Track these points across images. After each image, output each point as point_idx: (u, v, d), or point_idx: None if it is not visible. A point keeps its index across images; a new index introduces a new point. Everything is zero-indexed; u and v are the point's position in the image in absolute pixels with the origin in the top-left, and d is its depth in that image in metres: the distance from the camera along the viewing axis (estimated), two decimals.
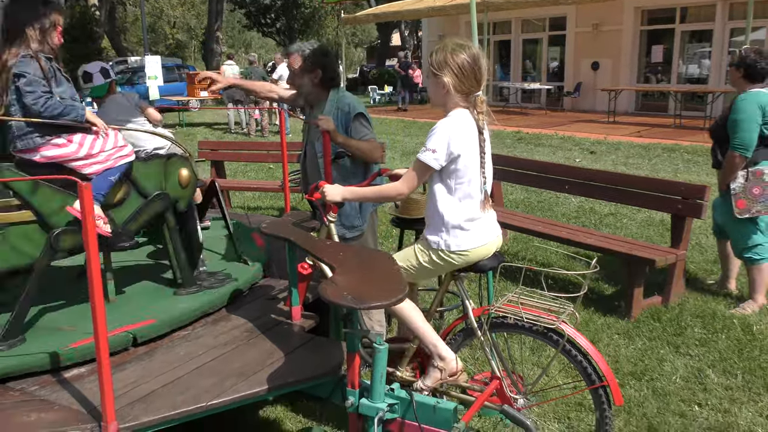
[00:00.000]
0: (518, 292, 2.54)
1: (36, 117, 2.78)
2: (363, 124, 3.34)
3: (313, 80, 3.39)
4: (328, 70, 3.39)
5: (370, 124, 3.41)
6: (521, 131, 13.49)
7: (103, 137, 3.02)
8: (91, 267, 1.95)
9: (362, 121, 3.34)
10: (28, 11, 2.85)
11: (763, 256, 4.23)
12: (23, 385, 2.38)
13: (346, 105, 3.35)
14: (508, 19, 19.90)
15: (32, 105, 2.75)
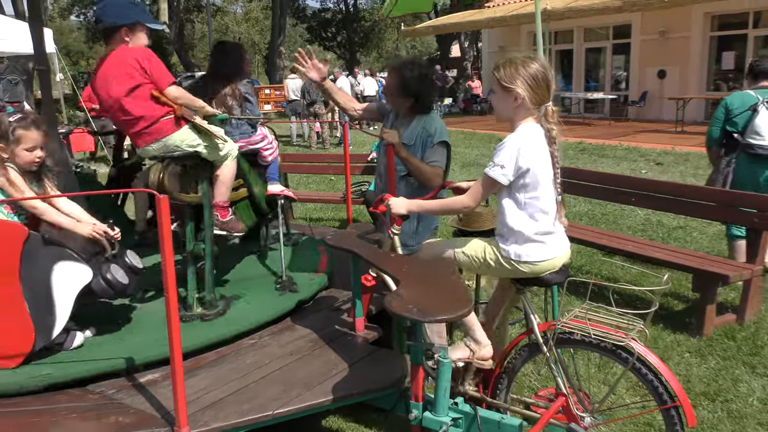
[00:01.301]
0: (585, 307, 2.49)
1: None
2: (440, 152, 3.29)
3: (405, 104, 3.37)
4: (422, 99, 3.34)
5: (448, 155, 3.35)
6: (584, 142, 13.23)
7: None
8: (168, 276, 2.02)
9: (441, 149, 3.30)
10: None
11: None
12: (102, 388, 2.49)
13: (434, 128, 3.31)
14: (570, 28, 19.59)
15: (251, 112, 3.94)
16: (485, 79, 23.66)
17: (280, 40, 30.29)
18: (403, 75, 3.30)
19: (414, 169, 3.26)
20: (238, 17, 48.73)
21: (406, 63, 3.37)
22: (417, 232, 3.43)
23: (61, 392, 2.45)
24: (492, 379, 2.74)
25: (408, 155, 3.24)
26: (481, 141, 14.62)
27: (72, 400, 2.40)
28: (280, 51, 30.30)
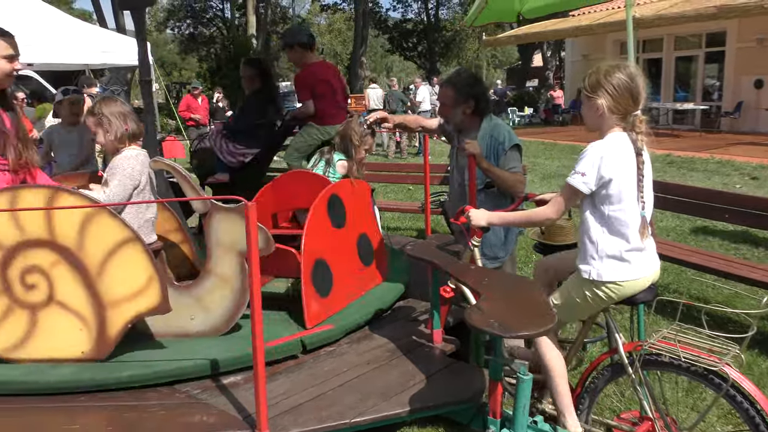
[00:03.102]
0: (675, 328, 2.38)
1: None
2: (515, 157, 3.31)
3: (466, 111, 3.40)
4: (481, 101, 3.39)
5: (521, 158, 3.36)
6: (672, 154, 12.70)
7: None
8: (253, 281, 2.08)
9: (515, 154, 3.31)
10: None
11: None
12: (187, 388, 2.59)
13: (502, 135, 3.33)
14: (660, 36, 18.89)
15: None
16: (568, 89, 23.16)
17: (361, 50, 30.78)
18: (455, 83, 3.39)
19: (496, 178, 3.25)
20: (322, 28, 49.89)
21: (452, 74, 3.52)
22: (505, 243, 3.41)
23: (151, 389, 2.56)
24: (573, 398, 2.66)
25: (489, 165, 3.24)
26: (562, 152, 14.30)
27: (161, 398, 2.51)
28: (362, 61, 30.78)
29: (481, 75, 4.69)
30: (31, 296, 2.73)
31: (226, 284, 2.94)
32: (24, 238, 2.68)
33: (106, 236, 2.69)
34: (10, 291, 2.71)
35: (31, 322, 2.74)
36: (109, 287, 2.72)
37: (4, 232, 2.66)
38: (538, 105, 25.86)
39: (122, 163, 3.01)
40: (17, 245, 2.68)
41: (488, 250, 3.36)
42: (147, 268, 2.71)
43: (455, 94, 3.39)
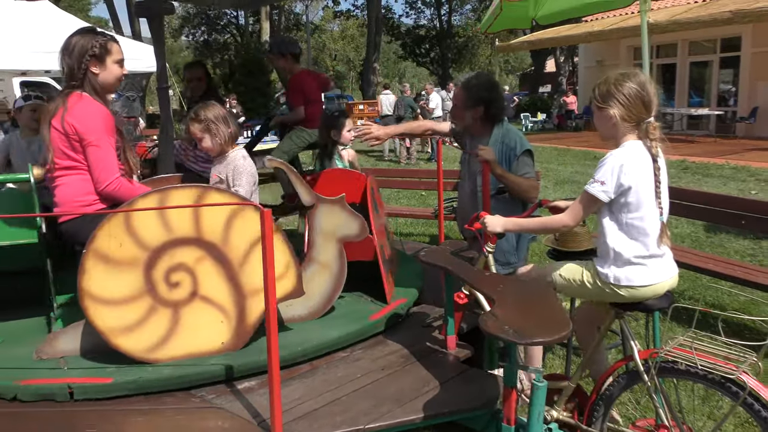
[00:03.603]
0: (691, 335, 2.36)
1: None
2: (527, 162, 3.30)
3: (474, 116, 3.39)
4: (491, 107, 3.36)
5: (533, 163, 3.36)
6: (686, 160, 12.62)
7: None
8: (268, 285, 2.09)
9: (527, 159, 3.30)
10: None
11: None
12: (202, 392, 2.60)
13: (513, 141, 3.32)
14: (674, 41, 18.79)
15: None
16: (581, 95, 23.09)
17: (374, 56, 30.86)
18: (467, 87, 3.37)
19: (511, 184, 3.25)
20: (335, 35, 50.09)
21: (467, 77, 3.47)
22: (518, 249, 3.40)
23: (167, 394, 2.58)
24: (588, 405, 2.65)
25: (504, 171, 3.23)
26: (575, 158, 14.24)
27: (176, 402, 2.52)
28: (374, 67, 30.85)
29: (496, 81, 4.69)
30: (174, 294, 2.76)
31: (326, 270, 3.30)
32: (171, 238, 2.72)
33: (250, 229, 2.79)
34: (154, 291, 2.73)
35: (173, 320, 2.77)
36: (250, 277, 2.83)
37: (152, 234, 2.70)
38: (551, 111, 25.79)
39: (242, 164, 3.25)
40: (164, 245, 2.71)
41: (500, 255, 3.36)
42: (285, 255, 2.90)
43: (466, 98, 3.39)
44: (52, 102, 2.87)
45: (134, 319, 2.69)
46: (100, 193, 2.84)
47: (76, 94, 2.83)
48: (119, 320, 2.67)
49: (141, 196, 2.71)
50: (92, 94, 2.86)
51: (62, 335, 2.84)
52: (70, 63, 2.82)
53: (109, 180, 2.81)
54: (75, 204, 2.83)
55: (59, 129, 2.77)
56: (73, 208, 2.83)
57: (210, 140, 3.24)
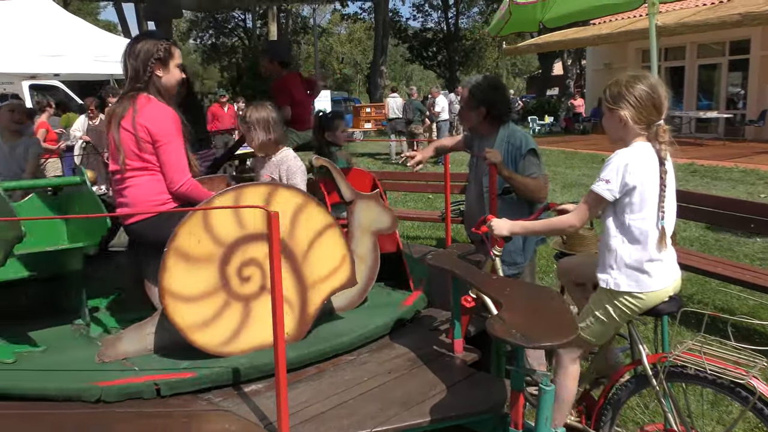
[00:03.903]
0: (700, 339, 2.35)
1: None
2: (533, 161, 3.30)
3: (478, 117, 3.41)
4: (494, 108, 3.37)
5: (540, 161, 3.36)
6: (695, 163, 12.56)
7: None
8: (275, 289, 2.10)
9: (533, 158, 3.30)
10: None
11: None
12: (209, 395, 2.60)
13: (518, 140, 3.33)
14: (682, 44, 18.74)
15: None
16: (588, 98, 23.04)
17: (381, 59, 30.90)
18: (471, 88, 3.40)
19: (519, 185, 3.25)
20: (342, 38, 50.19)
21: (472, 79, 3.51)
22: (524, 249, 3.40)
23: (174, 397, 2.58)
24: (595, 410, 2.64)
25: (511, 173, 3.23)
26: (583, 161, 14.21)
27: (183, 404, 2.52)
28: (382, 70, 30.89)
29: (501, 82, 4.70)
30: (245, 288, 2.85)
31: (362, 262, 3.46)
32: (244, 234, 2.81)
33: (313, 223, 2.99)
34: (228, 286, 2.81)
35: (244, 314, 2.86)
36: (312, 269, 3.00)
37: (227, 230, 2.78)
38: (558, 113, 25.75)
39: (294, 163, 3.46)
40: (237, 241, 2.80)
41: (506, 256, 3.35)
42: (342, 248, 3.11)
43: (470, 99, 3.41)
44: (119, 103, 2.91)
45: (210, 314, 2.78)
46: (173, 193, 2.91)
47: (143, 96, 2.89)
48: (196, 316, 2.75)
49: (218, 195, 2.79)
50: (157, 96, 2.92)
51: (123, 338, 2.87)
52: (135, 65, 2.89)
53: (182, 180, 2.89)
54: (149, 204, 2.88)
55: (130, 130, 2.82)
56: (149, 209, 2.88)
57: (256, 140, 3.44)
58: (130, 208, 2.89)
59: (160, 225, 2.80)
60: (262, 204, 2.82)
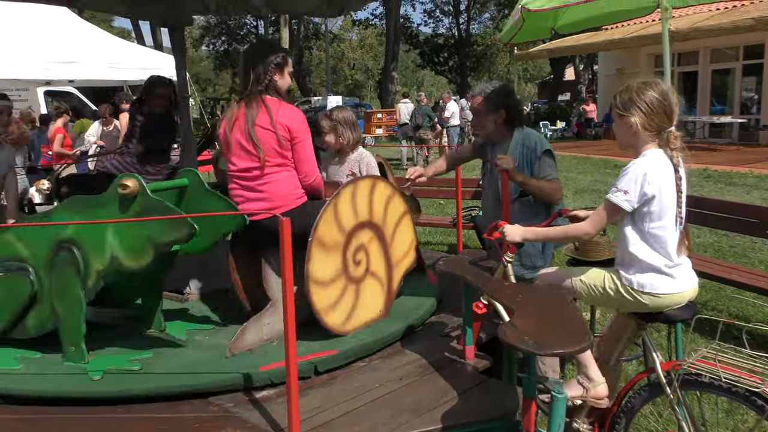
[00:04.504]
0: (715, 347, 2.33)
1: None
2: (548, 163, 3.31)
3: (497, 120, 3.43)
4: (511, 110, 3.41)
5: (555, 163, 3.36)
6: (708, 168, 12.47)
7: None
8: (287, 295, 2.10)
9: (548, 160, 3.31)
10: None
11: None
12: (221, 401, 2.60)
13: (533, 142, 3.35)
14: (695, 49, 18.64)
15: None
16: (600, 103, 22.95)
17: (392, 65, 30.95)
18: (485, 94, 3.44)
19: (533, 189, 3.26)
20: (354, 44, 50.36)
21: (484, 86, 3.56)
22: (543, 252, 3.40)
23: (186, 402, 2.59)
24: (608, 418, 2.62)
25: (525, 178, 3.24)
26: (595, 166, 14.14)
27: (195, 410, 2.52)
28: (393, 76, 30.95)
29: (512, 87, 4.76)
30: (357, 271, 3.16)
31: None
32: (357, 222, 3.14)
33: (396, 210, 3.37)
34: (347, 271, 3.11)
35: (356, 296, 3.16)
36: (396, 250, 3.38)
37: (347, 219, 3.08)
38: (570, 119, 25.66)
39: (372, 159, 3.84)
40: (353, 228, 3.11)
41: (527, 259, 3.36)
42: (412, 234, 3.50)
43: (487, 104, 3.43)
44: (246, 106, 3.04)
45: (335, 297, 3.07)
46: (306, 186, 3.15)
47: (272, 99, 3.07)
48: (327, 299, 3.03)
49: (343, 187, 3.07)
50: (277, 97, 3.12)
51: (246, 331, 2.99)
52: (258, 70, 3.06)
53: (315, 173, 3.18)
54: (289, 198, 3.09)
55: (269, 129, 2.99)
56: (289, 202, 3.07)
57: (334, 138, 3.76)
58: (270, 203, 3.04)
59: (297, 217, 2.89)
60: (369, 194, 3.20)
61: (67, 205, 2.94)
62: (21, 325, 2.94)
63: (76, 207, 2.87)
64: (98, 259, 2.77)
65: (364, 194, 3.16)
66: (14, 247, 2.90)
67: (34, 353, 2.96)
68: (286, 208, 3.03)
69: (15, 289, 2.87)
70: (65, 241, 2.79)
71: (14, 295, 2.87)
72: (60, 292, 2.83)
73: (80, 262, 2.77)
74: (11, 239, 2.89)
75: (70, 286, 2.80)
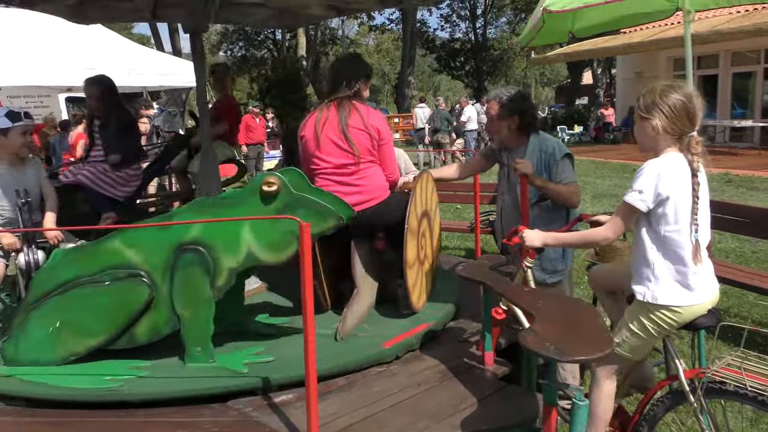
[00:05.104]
0: (740, 355, 2.29)
1: None
2: (567, 166, 3.30)
3: (510, 126, 3.41)
4: (526, 116, 3.39)
5: (573, 167, 3.34)
6: (729, 173, 12.31)
7: None
8: (306, 299, 2.10)
9: (567, 163, 3.30)
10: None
11: None
12: (240, 405, 2.61)
13: (551, 147, 3.33)
14: (716, 52, 18.41)
15: None
16: (618, 107, 22.77)
17: (409, 70, 30.96)
18: (500, 98, 3.44)
19: (552, 193, 3.25)
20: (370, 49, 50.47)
21: (500, 90, 3.55)
22: (564, 256, 3.38)
23: (204, 406, 2.60)
24: (630, 426, 2.58)
25: (544, 182, 3.22)
26: (613, 171, 14.02)
27: (214, 414, 2.53)
28: (409, 81, 30.95)
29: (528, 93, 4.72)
30: (421, 255, 3.50)
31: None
32: (423, 209, 3.51)
33: (435, 200, 3.76)
34: (419, 255, 3.44)
35: (422, 276, 3.52)
36: (435, 235, 3.76)
37: (421, 209, 3.45)
38: (587, 123, 25.47)
39: (405, 156, 4.11)
40: (421, 216, 3.47)
41: (548, 264, 3.34)
42: (439, 223, 3.88)
43: (501, 109, 3.43)
44: (342, 107, 3.35)
45: (416, 278, 3.39)
46: (391, 181, 3.53)
47: (361, 104, 3.41)
48: (412, 280, 3.32)
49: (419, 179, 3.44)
50: (362, 103, 3.46)
51: (347, 316, 3.24)
52: (350, 79, 3.40)
53: (397, 170, 3.59)
54: (381, 190, 3.44)
55: (363, 130, 3.32)
56: (381, 195, 3.43)
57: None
58: (365, 196, 3.36)
59: (389, 207, 3.41)
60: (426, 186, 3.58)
61: (192, 207, 2.97)
62: (128, 334, 2.86)
63: (201, 208, 2.91)
64: (231, 257, 2.81)
65: (427, 187, 3.56)
66: (123, 254, 2.84)
67: (143, 361, 2.91)
68: (378, 200, 3.38)
69: (129, 297, 2.81)
70: (189, 243, 2.79)
71: (127, 303, 2.81)
72: (185, 294, 2.81)
73: (210, 262, 2.79)
74: (120, 247, 2.84)
75: (198, 287, 2.80)
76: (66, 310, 2.82)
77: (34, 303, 2.87)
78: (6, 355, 2.88)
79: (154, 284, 2.83)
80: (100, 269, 2.84)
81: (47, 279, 2.88)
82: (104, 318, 2.80)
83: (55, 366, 2.83)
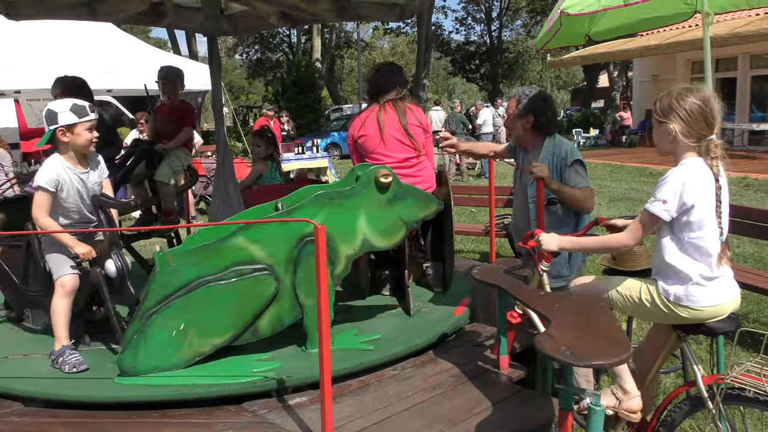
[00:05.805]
0: (760, 361, 2.26)
1: None
2: (579, 172, 3.27)
3: (525, 126, 3.40)
4: (541, 117, 3.37)
5: (586, 172, 3.31)
6: (748, 177, 12.17)
7: None
8: (321, 302, 2.10)
9: (579, 169, 3.27)
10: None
11: None
12: (254, 407, 2.61)
13: (563, 151, 3.30)
14: (734, 55, 18.23)
15: None
16: (635, 110, 22.60)
17: (424, 73, 30.86)
18: (520, 96, 3.43)
19: (567, 197, 3.23)
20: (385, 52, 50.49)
21: (522, 88, 3.57)
22: (570, 261, 3.35)
23: (220, 408, 2.60)
24: (648, 431, 2.55)
25: (559, 186, 3.20)
26: (630, 174, 13.91)
27: (229, 416, 2.54)
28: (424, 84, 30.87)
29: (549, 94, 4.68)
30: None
31: None
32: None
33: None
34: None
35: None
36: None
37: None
38: (603, 126, 25.31)
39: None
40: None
41: (552, 268, 3.29)
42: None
43: (516, 107, 3.42)
44: (397, 108, 3.71)
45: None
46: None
47: (412, 104, 3.80)
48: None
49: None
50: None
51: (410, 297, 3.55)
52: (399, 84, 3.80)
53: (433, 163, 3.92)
54: (433, 179, 3.83)
55: (419, 126, 3.72)
56: (434, 182, 3.81)
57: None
58: (426, 184, 3.70)
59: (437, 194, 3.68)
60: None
61: (313, 200, 3.02)
62: (252, 328, 2.91)
63: (322, 202, 3.03)
64: (349, 245, 3.05)
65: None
66: (248, 250, 2.86)
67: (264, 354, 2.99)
68: (434, 186, 3.79)
69: (256, 292, 2.85)
70: (310, 235, 2.79)
71: (255, 297, 2.86)
72: (310, 284, 2.87)
73: (330, 251, 2.92)
74: (244, 243, 2.86)
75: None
76: (191, 311, 2.79)
77: (153, 308, 2.77)
78: (125, 366, 2.79)
79: (278, 277, 2.90)
80: (223, 267, 2.84)
81: (167, 282, 2.79)
82: (232, 315, 2.84)
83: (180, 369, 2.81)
